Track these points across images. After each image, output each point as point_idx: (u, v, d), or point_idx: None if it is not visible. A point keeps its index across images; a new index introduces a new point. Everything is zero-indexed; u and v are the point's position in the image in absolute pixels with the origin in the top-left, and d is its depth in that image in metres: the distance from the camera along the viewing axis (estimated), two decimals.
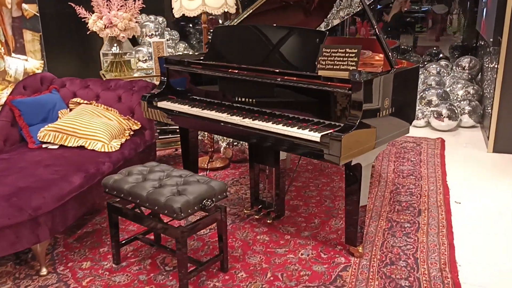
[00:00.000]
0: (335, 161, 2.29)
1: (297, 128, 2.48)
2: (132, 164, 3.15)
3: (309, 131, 2.43)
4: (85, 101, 3.49)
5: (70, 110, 3.45)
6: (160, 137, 4.26)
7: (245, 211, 3.18)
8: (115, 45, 3.84)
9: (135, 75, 4.38)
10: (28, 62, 5.66)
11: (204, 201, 2.33)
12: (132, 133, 3.38)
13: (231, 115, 2.77)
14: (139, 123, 3.43)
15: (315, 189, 3.64)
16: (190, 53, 6.23)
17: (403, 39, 7.85)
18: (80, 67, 6.09)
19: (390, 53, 2.68)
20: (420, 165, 4.08)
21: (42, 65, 5.78)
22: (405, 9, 8.09)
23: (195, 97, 3.13)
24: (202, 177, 2.53)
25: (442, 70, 6.02)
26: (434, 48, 7.33)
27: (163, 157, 4.37)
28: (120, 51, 3.86)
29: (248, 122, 2.66)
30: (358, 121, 2.32)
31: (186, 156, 3.47)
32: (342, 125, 2.40)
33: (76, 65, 5.83)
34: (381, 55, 3.53)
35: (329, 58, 2.50)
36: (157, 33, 6.85)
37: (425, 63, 6.50)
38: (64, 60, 5.93)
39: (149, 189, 2.38)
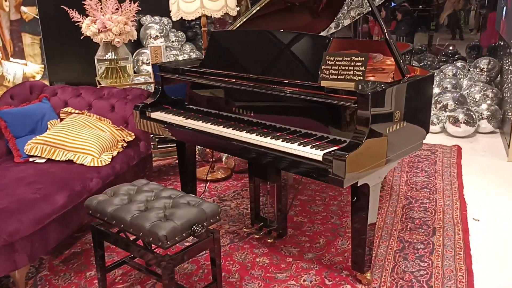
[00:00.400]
0: (339, 184, 2.06)
1: (298, 145, 2.25)
2: (125, 179, 2.96)
3: (310, 148, 2.20)
4: (77, 111, 3.29)
5: (61, 120, 3.26)
6: (159, 146, 4.06)
7: (245, 229, 2.96)
8: (110, 50, 3.64)
9: (136, 79, 4.18)
10: (28, 67, 5.51)
11: (194, 227, 2.11)
12: (125, 145, 3.18)
13: (226, 128, 2.55)
14: (133, 134, 3.22)
15: (321, 203, 3.40)
16: (194, 56, 6.01)
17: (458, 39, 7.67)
18: (83, 71, 5.90)
19: (401, 60, 2.43)
20: (435, 176, 3.81)
21: (43, 70, 5.64)
22: (459, 8, 7.83)
23: (192, 107, 2.92)
24: (193, 198, 2.31)
25: (458, 72, 5.72)
26: (451, 48, 7.02)
27: (163, 166, 4.16)
28: (116, 57, 3.65)
29: (243, 136, 2.43)
30: (365, 138, 2.08)
31: (183, 170, 3.26)
32: (348, 140, 2.17)
33: (78, 69, 5.65)
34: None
35: (333, 67, 2.26)
36: (161, 34, 6.65)
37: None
38: (66, 64, 5.75)
39: (134, 213, 2.16)
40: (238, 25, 3.03)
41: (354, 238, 2.44)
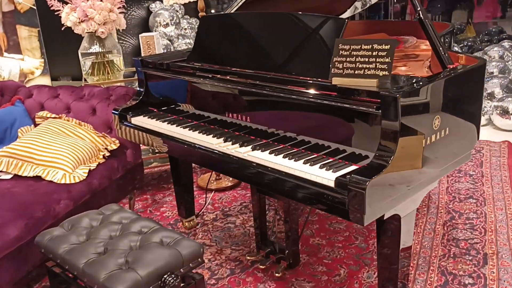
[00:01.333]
0: (358, 221, 1.50)
1: (303, 163, 1.70)
2: (105, 196, 2.49)
3: (320, 167, 1.64)
4: (53, 115, 2.82)
5: (36, 126, 2.79)
6: (157, 150, 3.55)
7: (248, 257, 2.43)
8: (95, 42, 3.14)
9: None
10: (25, 62, 5.08)
11: (165, 277, 1.59)
12: (108, 154, 2.69)
13: (214, 137, 2.02)
14: (117, 141, 2.72)
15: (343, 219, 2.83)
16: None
17: None
18: None
19: (441, 47, 1.82)
20: (482, 182, 3.18)
21: (42, 64, 5.23)
22: None
23: (182, 109, 2.39)
24: (170, 233, 1.80)
25: (505, 54, 4.98)
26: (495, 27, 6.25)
27: (164, 172, 3.67)
28: (102, 50, 3.15)
29: (229, 149, 1.90)
30: (392, 156, 1.51)
31: (178, 186, 2.75)
32: (371, 155, 1.61)
33: None
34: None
35: (348, 59, 1.68)
36: (172, 22, 6.15)
37: None
38: (69, 57, 5.26)
39: (89, 257, 1.67)
40: (236, 7, 2.47)
41: (382, 269, 1.88)
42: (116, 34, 5.48)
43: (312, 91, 1.77)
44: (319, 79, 1.78)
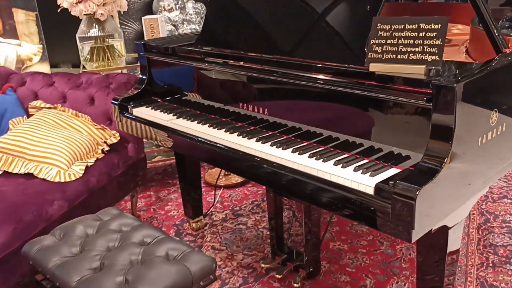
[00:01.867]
0: (405, 237, 1.24)
1: (334, 164, 1.44)
2: (105, 195, 2.26)
3: (354, 170, 1.39)
4: (48, 105, 2.56)
5: (29, 117, 2.54)
6: (161, 145, 3.30)
7: (263, 264, 2.18)
8: (94, 25, 2.87)
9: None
10: (22, 48, 4.82)
11: None
12: (107, 149, 2.44)
13: (227, 132, 1.77)
14: (117, 134, 2.47)
15: None
16: None
17: None
18: None
19: (494, 28, 1.55)
20: None
21: (41, 50, 4.97)
22: None
23: (189, 99, 2.14)
24: (177, 244, 1.55)
25: None
26: None
27: (169, 166, 3.42)
28: (102, 34, 2.89)
29: (246, 145, 1.64)
30: (446, 159, 1.25)
31: (184, 183, 2.50)
32: (412, 155, 1.35)
33: None
34: (461, 26, 2.41)
35: (388, 41, 1.41)
36: (177, 6, 5.85)
37: None
38: (68, 43, 4.98)
39: (84, 273, 1.43)
40: None
41: (422, 281, 1.63)
42: (118, 19, 5.22)
43: (342, 79, 1.51)
44: (351, 65, 1.52)
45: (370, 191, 1.30)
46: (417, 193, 1.18)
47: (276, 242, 2.23)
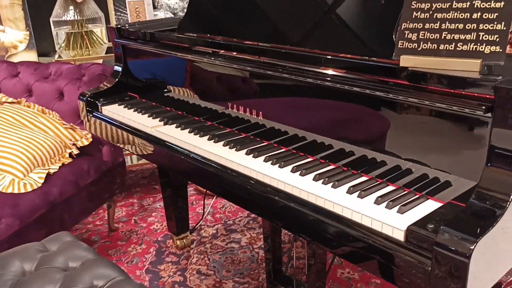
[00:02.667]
0: None
1: (347, 192, 1.06)
2: (70, 208, 1.91)
3: (377, 202, 1.00)
4: (10, 99, 2.19)
5: None
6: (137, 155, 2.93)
7: None
8: (71, 7, 2.50)
9: None
10: (6, 34, 4.45)
11: None
12: (77, 152, 2.07)
13: (211, 141, 1.39)
14: (90, 135, 2.10)
15: None
16: None
17: None
18: None
19: None
20: None
21: (28, 37, 4.61)
22: None
23: (173, 96, 1.76)
24: None
25: None
26: None
27: (157, 169, 3.04)
28: (79, 17, 2.51)
29: (230, 159, 1.25)
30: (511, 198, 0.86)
31: (166, 191, 2.13)
32: (451, 181, 0.98)
33: None
34: None
35: (427, 26, 1.02)
36: None
37: None
38: None
39: None
40: None
41: None
42: (113, 5, 4.85)
43: (360, 76, 1.12)
44: (373, 58, 1.13)
45: (399, 236, 0.92)
46: (473, 247, 0.80)
47: (273, 269, 1.86)
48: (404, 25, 1.05)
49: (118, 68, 1.91)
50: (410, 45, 1.03)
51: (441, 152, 1.05)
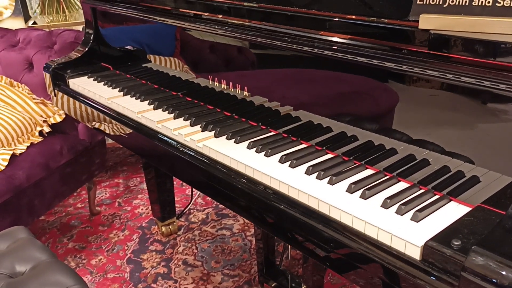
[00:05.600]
0: None
1: (347, 190, 0.84)
2: (42, 193, 1.69)
3: (385, 206, 0.79)
4: None
5: None
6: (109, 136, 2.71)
7: None
8: None
9: None
10: None
11: None
12: (48, 130, 1.85)
13: (182, 119, 1.16)
14: (62, 111, 1.88)
15: None
16: None
17: None
18: None
19: None
20: None
21: (13, 3, 4.33)
22: None
23: (150, 66, 1.53)
24: None
25: None
26: None
27: None
28: None
29: (207, 144, 1.03)
30: None
31: (151, 177, 1.92)
32: (479, 176, 0.76)
33: None
34: None
35: None
36: None
37: None
38: None
39: None
40: None
41: None
42: None
43: (366, 43, 0.89)
44: (384, 19, 0.89)
45: (414, 253, 0.70)
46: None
47: (265, 260, 1.66)
48: None
49: (89, 34, 1.67)
50: (433, 1, 0.79)
51: (469, 141, 0.82)
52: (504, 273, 0.59)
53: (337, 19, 0.95)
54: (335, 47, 0.93)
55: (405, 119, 0.90)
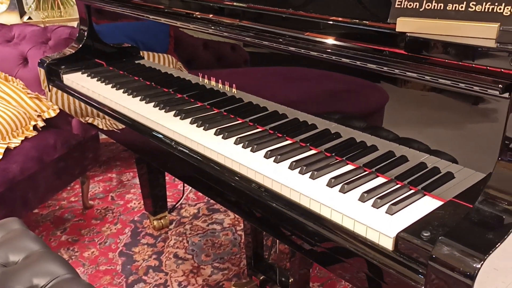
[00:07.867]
0: None
1: (327, 184, 0.88)
2: (36, 187, 1.72)
3: (362, 199, 0.83)
4: None
5: None
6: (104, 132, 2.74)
7: (234, 286, 1.66)
8: None
9: None
10: None
11: None
12: (42, 125, 1.88)
13: (173, 114, 1.20)
14: (56, 106, 1.91)
15: None
16: None
17: None
18: None
19: None
20: None
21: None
22: None
23: (143, 63, 1.56)
24: None
25: None
26: None
27: None
28: None
29: (195, 139, 1.07)
30: None
31: (141, 166, 1.95)
32: (453, 172, 0.80)
33: None
34: None
35: None
36: None
37: None
38: None
39: None
40: None
41: None
42: None
43: (348, 44, 0.92)
44: (364, 21, 0.92)
45: (387, 243, 0.74)
46: (479, 266, 0.62)
47: (254, 255, 1.70)
48: None
49: (83, 31, 1.70)
50: (410, 4, 0.83)
51: (443, 139, 0.86)
52: (468, 261, 0.63)
53: (322, 21, 0.98)
54: (320, 48, 0.97)
55: (388, 118, 0.94)
